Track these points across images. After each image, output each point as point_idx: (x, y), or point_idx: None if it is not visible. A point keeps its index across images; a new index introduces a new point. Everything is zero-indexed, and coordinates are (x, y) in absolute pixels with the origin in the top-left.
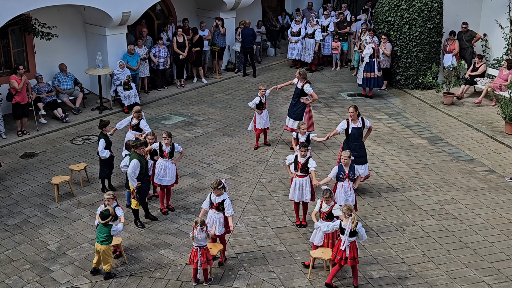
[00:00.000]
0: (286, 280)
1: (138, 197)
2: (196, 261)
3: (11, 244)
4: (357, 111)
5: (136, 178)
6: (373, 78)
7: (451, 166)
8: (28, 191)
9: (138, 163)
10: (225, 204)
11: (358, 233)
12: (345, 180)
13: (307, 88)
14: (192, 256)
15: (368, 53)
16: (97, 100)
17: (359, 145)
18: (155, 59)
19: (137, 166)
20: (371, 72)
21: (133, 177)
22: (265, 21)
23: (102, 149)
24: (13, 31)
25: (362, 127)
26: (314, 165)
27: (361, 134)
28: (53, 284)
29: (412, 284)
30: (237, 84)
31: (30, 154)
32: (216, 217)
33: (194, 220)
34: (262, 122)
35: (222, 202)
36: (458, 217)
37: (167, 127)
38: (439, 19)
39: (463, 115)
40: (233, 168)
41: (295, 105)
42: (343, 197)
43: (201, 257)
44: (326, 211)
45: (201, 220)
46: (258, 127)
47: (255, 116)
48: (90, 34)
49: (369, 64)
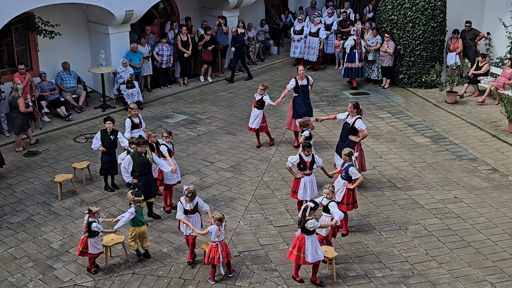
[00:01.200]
0: (288, 278)
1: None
2: (218, 257)
3: (14, 242)
4: (355, 109)
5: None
6: (354, 68)
7: (454, 165)
8: (31, 189)
9: (131, 160)
10: (199, 205)
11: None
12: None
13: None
14: (213, 253)
15: (350, 45)
16: (100, 98)
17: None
18: (158, 57)
19: (129, 162)
20: (352, 63)
21: (125, 172)
22: (268, 19)
23: (95, 141)
24: (17, 30)
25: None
26: (320, 160)
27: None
28: (56, 282)
29: (415, 283)
30: (240, 83)
31: (33, 152)
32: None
33: (217, 217)
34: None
35: (196, 204)
36: (461, 216)
37: (170, 125)
38: (443, 18)
39: (466, 114)
40: (236, 167)
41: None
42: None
43: (222, 251)
44: (325, 204)
45: (221, 215)
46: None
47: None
48: (93, 32)
49: (350, 55)
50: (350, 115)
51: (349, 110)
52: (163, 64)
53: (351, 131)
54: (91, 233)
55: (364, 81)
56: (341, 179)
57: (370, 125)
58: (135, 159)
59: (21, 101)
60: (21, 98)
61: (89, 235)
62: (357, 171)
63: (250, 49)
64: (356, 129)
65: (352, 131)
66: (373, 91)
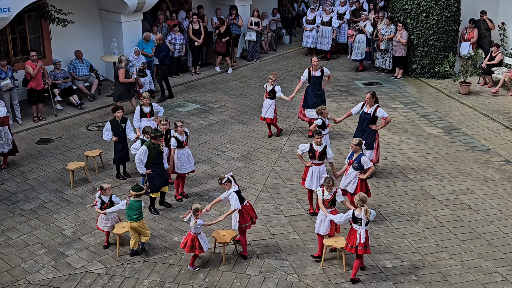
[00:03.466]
0: (298, 268)
1: (148, 186)
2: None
3: (27, 228)
4: (373, 98)
5: (144, 166)
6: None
7: (466, 156)
8: (43, 177)
9: (146, 150)
10: (230, 198)
11: (370, 221)
12: (350, 166)
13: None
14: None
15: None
16: (112, 86)
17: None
18: (171, 46)
19: (145, 153)
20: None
21: (140, 164)
22: (281, 8)
23: (106, 133)
24: (30, 18)
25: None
26: (332, 154)
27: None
28: (68, 268)
29: (425, 274)
30: (252, 72)
31: (46, 140)
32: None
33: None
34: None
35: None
36: (473, 207)
37: (182, 114)
38: (457, 8)
39: (479, 105)
40: (247, 156)
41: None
42: (346, 182)
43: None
44: (329, 199)
45: (195, 207)
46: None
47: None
48: (105, 20)
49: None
50: (368, 104)
51: (367, 99)
52: (175, 53)
53: (372, 120)
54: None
55: (376, 71)
56: (353, 171)
57: None
58: (151, 150)
59: (122, 71)
60: (122, 69)
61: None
62: (369, 160)
63: (263, 39)
64: (376, 117)
65: (373, 120)
66: (385, 81)
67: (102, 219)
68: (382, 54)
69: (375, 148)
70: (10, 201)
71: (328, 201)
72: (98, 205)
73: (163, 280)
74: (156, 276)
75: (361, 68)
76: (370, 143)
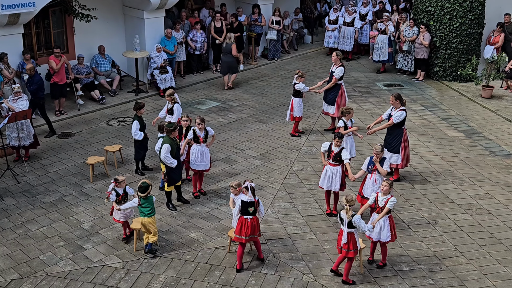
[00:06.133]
0: (314, 268)
1: (167, 179)
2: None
3: (46, 221)
4: (397, 100)
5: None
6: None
7: (487, 161)
8: (64, 170)
9: (169, 147)
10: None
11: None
12: (374, 172)
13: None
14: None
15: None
16: (133, 83)
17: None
18: (192, 43)
19: (168, 150)
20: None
21: (168, 159)
22: (303, 8)
23: (136, 131)
24: (54, 12)
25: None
26: (348, 156)
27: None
28: (85, 262)
29: (442, 278)
30: (273, 71)
31: (67, 134)
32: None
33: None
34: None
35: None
36: (492, 213)
37: (202, 111)
38: (481, 10)
39: (502, 109)
40: (266, 155)
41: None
42: (370, 189)
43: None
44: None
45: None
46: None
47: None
48: (128, 17)
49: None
50: (394, 107)
51: (392, 102)
52: (196, 50)
53: (400, 123)
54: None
55: (398, 73)
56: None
57: None
58: (172, 144)
59: (234, 46)
60: (234, 44)
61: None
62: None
63: (284, 38)
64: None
65: (400, 123)
66: (407, 83)
67: (118, 211)
68: (404, 55)
69: (402, 151)
70: (30, 194)
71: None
72: (113, 198)
73: (179, 276)
74: (172, 272)
75: (383, 69)
76: (396, 146)
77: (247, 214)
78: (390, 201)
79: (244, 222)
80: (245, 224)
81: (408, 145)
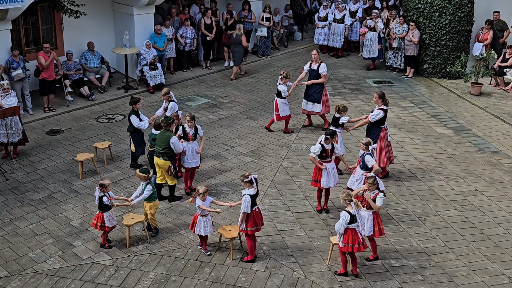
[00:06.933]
0: (304, 265)
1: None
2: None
3: (35, 218)
4: (380, 99)
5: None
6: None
7: (476, 157)
8: (53, 167)
9: (176, 138)
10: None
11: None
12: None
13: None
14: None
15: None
16: (123, 79)
17: None
18: (182, 40)
19: (177, 139)
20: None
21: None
22: (293, 5)
23: (139, 122)
24: (42, 8)
25: None
26: (340, 148)
27: None
28: (75, 259)
29: (431, 274)
30: (263, 68)
31: (55, 131)
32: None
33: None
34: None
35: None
36: (481, 209)
37: (192, 108)
38: (470, 8)
39: (490, 106)
40: (256, 152)
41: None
42: (352, 180)
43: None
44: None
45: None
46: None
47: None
48: (118, 13)
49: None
50: (377, 105)
51: (375, 100)
52: (186, 47)
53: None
54: (103, 207)
55: (388, 70)
56: (360, 170)
57: (392, 115)
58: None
59: (244, 37)
60: (243, 35)
61: (102, 209)
62: (372, 159)
63: (274, 35)
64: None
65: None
66: (396, 80)
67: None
68: (394, 52)
69: (377, 149)
70: (19, 191)
71: (367, 203)
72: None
73: (169, 273)
74: (162, 269)
75: (373, 66)
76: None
77: (254, 205)
78: (378, 197)
79: (253, 213)
80: (254, 215)
81: (387, 144)
